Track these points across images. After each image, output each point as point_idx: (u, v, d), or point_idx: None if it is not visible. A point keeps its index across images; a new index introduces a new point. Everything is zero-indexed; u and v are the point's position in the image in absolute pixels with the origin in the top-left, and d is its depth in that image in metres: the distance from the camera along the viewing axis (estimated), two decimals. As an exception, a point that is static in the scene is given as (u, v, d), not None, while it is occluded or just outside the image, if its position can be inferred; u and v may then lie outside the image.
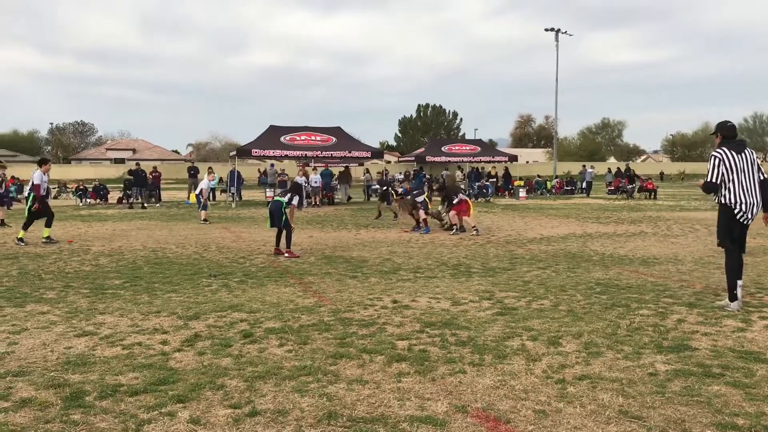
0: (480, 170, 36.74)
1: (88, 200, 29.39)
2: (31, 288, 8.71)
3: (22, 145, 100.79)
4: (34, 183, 13.67)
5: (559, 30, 48.38)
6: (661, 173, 65.84)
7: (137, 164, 30.40)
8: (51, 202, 14.70)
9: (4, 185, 19.64)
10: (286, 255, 11.76)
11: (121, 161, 77.22)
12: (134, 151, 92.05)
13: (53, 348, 5.78)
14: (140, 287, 8.76)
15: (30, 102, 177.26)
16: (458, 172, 34.53)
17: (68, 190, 33.80)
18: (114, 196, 30.04)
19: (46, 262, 11.10)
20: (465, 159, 36.73)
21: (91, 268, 10.43)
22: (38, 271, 10.10)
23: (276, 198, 12.82)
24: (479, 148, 38.24)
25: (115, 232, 16.14)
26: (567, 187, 38.98)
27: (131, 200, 26.64)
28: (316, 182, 27.75)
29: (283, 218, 11.94)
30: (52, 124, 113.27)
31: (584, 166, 42.65)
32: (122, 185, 30.16)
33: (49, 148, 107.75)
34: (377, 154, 31.24)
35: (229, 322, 6.78)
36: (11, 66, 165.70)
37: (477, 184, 32.78)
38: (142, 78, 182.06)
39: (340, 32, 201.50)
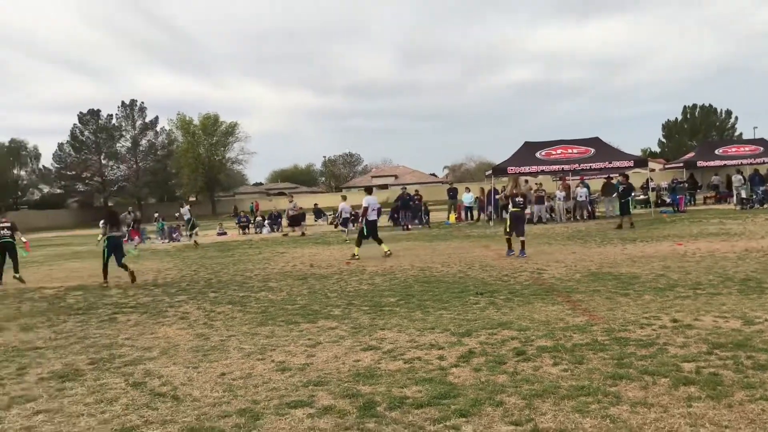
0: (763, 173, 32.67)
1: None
2: (320, 305, 9.69)
3: (302, 178, 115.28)
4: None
5: None
6: None
7: (403, 188, 32.28)
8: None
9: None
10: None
11: (385, 187, 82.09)
12: (396, 176, 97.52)
13: (344, 361, 6.37)
14: (413, 304, 9.27)
15: (306, 138, 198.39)
16: (737, 176, 31.05)
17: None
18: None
19: (329, 282, 12.26)
20: (745, 161, 32.90)
21: (368, 287, 11.29)
22: (324, 290, 11.20)
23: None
24: (761, 148, 34.03)
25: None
26: None
27: (403, 222, 28.41)
28: (581, 197, 27.40)
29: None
30: (325, 157, 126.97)
31: None
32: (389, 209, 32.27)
33: (323, 179, 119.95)
34: (640, 162, 29.41)
35: (500, 339, 6.87)
36: (293, 108, 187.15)
37: (762, 188, 29.19)
38: (402, 107, 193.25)
39: (596, 40, 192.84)
